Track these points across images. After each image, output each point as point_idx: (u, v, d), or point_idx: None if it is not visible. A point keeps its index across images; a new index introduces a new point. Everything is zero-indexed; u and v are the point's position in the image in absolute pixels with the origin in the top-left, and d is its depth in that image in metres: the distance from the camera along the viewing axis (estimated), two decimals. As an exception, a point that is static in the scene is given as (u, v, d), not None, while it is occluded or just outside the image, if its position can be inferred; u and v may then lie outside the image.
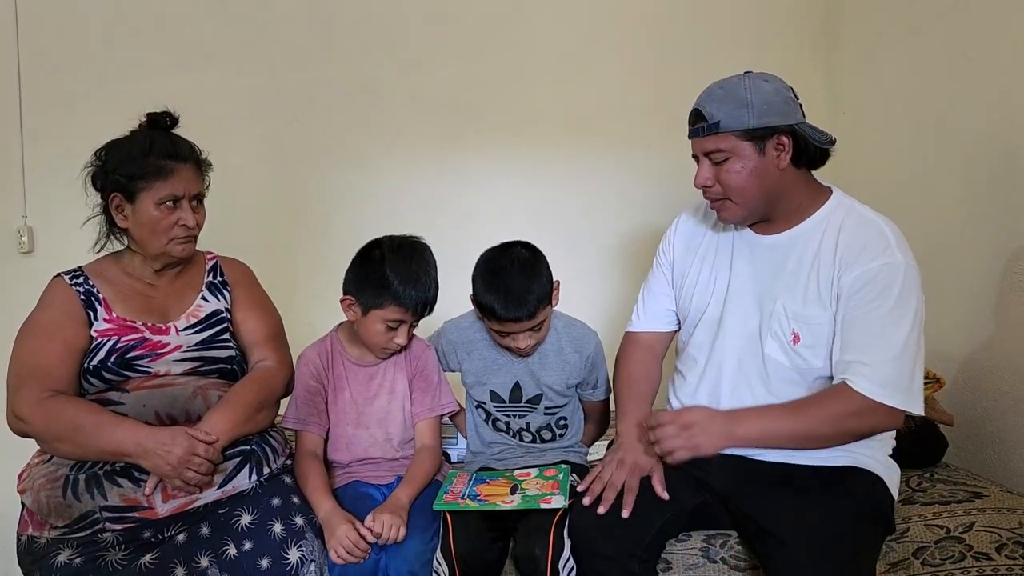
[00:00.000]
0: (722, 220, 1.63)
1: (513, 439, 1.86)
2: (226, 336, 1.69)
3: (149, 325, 1.63)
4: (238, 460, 1.57)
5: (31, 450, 1.60)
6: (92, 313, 1.60)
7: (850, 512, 1.45)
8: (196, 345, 1.64)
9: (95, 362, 1.56)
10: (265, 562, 1.49)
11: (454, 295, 1.84)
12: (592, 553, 1.48)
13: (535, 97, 2.88)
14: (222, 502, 1.54)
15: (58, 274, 1.67)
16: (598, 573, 1.47)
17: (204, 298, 1.72)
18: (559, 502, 1.56)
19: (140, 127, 1.67)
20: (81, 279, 1.64)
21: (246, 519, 1.53)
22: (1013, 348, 1.98)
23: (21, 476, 1.58)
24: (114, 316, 1.61)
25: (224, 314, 1.72)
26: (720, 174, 1.53)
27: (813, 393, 1.53)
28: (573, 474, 1.68)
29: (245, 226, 2.63)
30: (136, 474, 1.49)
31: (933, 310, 2.17)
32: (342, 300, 1.72)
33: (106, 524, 1.47)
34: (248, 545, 1.51)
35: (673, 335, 1.81)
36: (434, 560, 1.56)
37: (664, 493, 1.52)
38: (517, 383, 1.82)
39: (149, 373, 1.58)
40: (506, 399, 1.83)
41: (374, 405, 1.77)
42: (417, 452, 1.77)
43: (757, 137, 1.49)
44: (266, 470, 1.61)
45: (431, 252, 1.74)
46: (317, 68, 2.85)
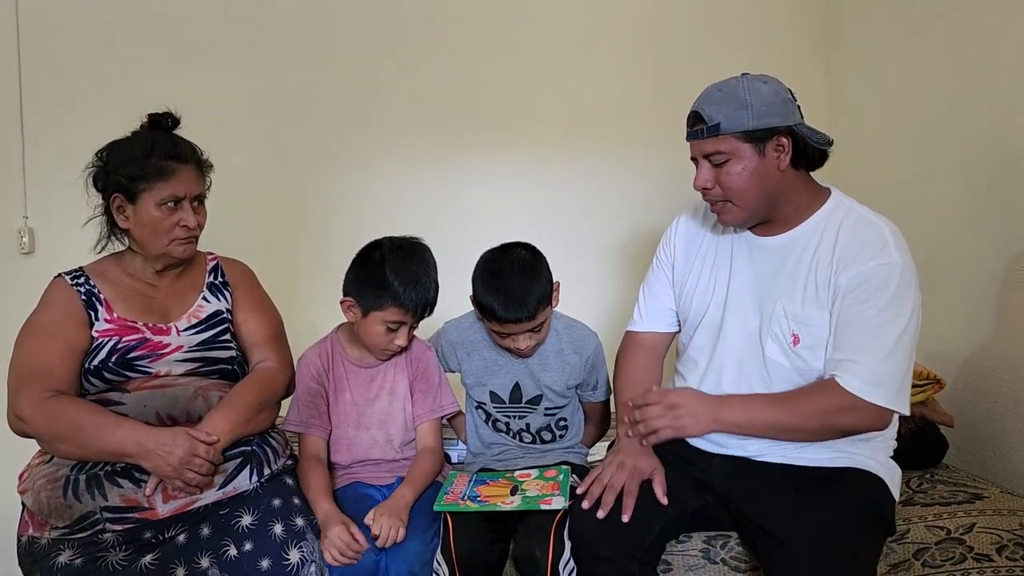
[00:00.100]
0: (723, 223, 1.63)
1: (513, 440, 1.86)
2: (227, 337, 1.69)
3: (150, 325, 1.63)
4: (239, 461, 1.57)
5: (32, 451, 1.60)
6: (93, 313, 1.60)
7: (851, 513, 1.45)
8: (197, 346, 1.64)
9: (96, 362, 1.56)
10: (266, 563, 1.49)
11: (454, 295, 1.83)
12: (592, 555, 1.48)
13: (535, 97, 2.88)
14: (223, 503, 1.54)
15: (59, 274, 1.67)
16: (598, 575, 1.47)
17: (205, 299, 1.72)
18: (559, 503, 1.56)
19: (142, 128, 1.67)
20: (82, 279, 1.64)
21: (247, 520, 1.53)
22: (1013, 349, 1.98)
23: (22, 477, 1.58)
24: (115, 316, 1.61)
25: (225, 315, 1.72)
26: (720, 176, 1.53)
27: (802, 386, 1.53)
28: (573, 475, 1.68)
29: (245, 226, 2.63)
30: (137, 475, 1.49)
31: (933, 311, 2.17)
32: (342, 302, 1.72)
33: (107, 525, 1.47)
34: (249, 546, 1.50)
35: (674, 336, 1.80)
36: (434, 561, 1.56)
37: (664, 499, 1.52)
38: (517, 384, 1.82)
39: (150, 373, 1.58)
40: (506, 400, 1.83)
41: (375, 406, 1.77)
42: (419, 453, 1.77)
43: (757, 138, 1.49)
44: (267, 471, 1.60)
45: (431, 253, 1.74)
46: (317, 68, 2.85)
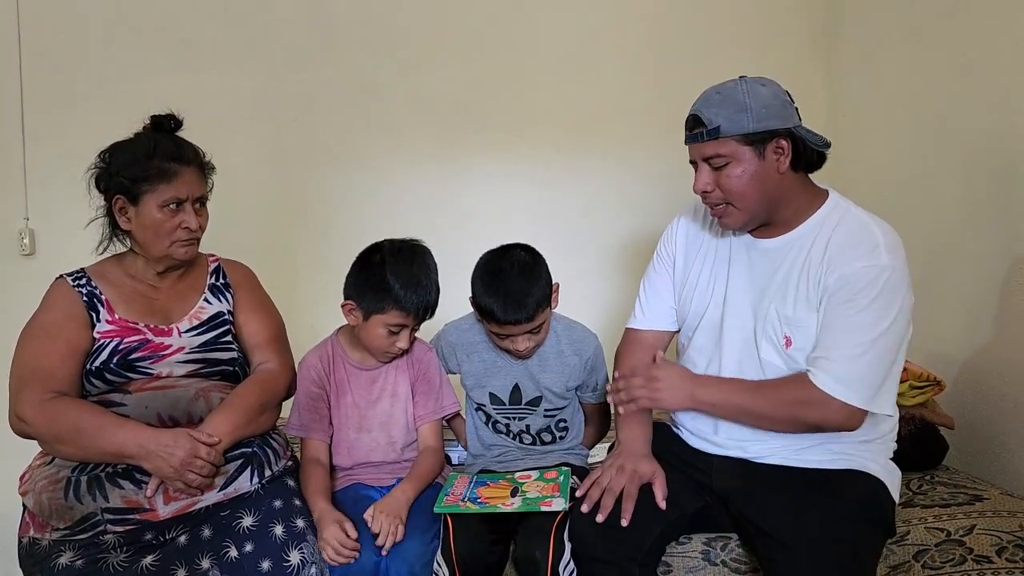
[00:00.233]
0: (723, 226, 1.62)
1: (513, 441, 1.86)
2: (228, 338, 1.69)
3: (151, 327, 1.63)
4: (240, 462, 1.57)
5: (33, 452, 1.60)
6: (94, 314, 1.60)
7: (851, 515, 1.45)
8: (198, 347, 1.64)
9: (97, 363, 1.56)
10: (266, 564, 1.49)
11: (454, 296, 1.83)
12: (592, 557, 1.48)
13: (535, 97, 2.88)
14: (223, 504, 1.55)
15: (60, 275, 1.67)
16: (598, 576, 1.47)
17: (207, 300, 1.72)
18: (559, 504, 1.56)
19: (144, 129, 1.67)
20: (84, 280, 1.64)
21: (247, 521, 1.54)
22: (1014, 351, 1.98)
23: (23, 478, 1.58)
24: (116, 317, 1.61)
25: (226, 316, 1.72)
26: (720, 179, 1.52)
27: (779, 377, 1.54)
28: (574, 476, 1.68)
29: (245, 227, 2.64)
30: (138, 476, 1.49)
31: (933, 312, 2.18)
32: (343, 305, 1.71)
33: (107, 526, 1.47)
34: (249, 547, 1.51)
35: (674, 335, 1.80)
36: (434, 562, 1.56)
37: (663, 503, 1.52)
38: (516, 385, 1.82)
39: (151, 375, 1.58)
40: (506, 401, 1.83)
41: (376, 409, 1.77)
42: (421, 452, 1.77)
43: (757, 141, 1.49)
44: (267, 472, 1.61)
45: (432, 255, 1.74)
46: (317, 68, 2.85)
